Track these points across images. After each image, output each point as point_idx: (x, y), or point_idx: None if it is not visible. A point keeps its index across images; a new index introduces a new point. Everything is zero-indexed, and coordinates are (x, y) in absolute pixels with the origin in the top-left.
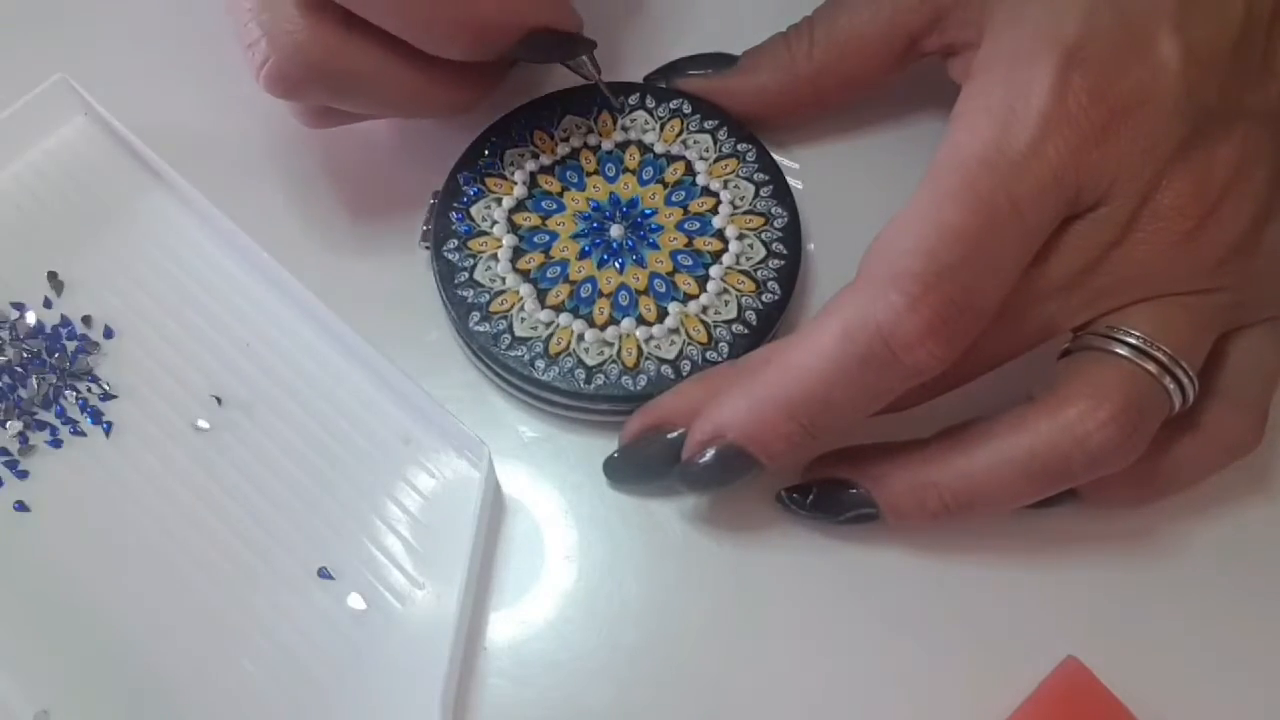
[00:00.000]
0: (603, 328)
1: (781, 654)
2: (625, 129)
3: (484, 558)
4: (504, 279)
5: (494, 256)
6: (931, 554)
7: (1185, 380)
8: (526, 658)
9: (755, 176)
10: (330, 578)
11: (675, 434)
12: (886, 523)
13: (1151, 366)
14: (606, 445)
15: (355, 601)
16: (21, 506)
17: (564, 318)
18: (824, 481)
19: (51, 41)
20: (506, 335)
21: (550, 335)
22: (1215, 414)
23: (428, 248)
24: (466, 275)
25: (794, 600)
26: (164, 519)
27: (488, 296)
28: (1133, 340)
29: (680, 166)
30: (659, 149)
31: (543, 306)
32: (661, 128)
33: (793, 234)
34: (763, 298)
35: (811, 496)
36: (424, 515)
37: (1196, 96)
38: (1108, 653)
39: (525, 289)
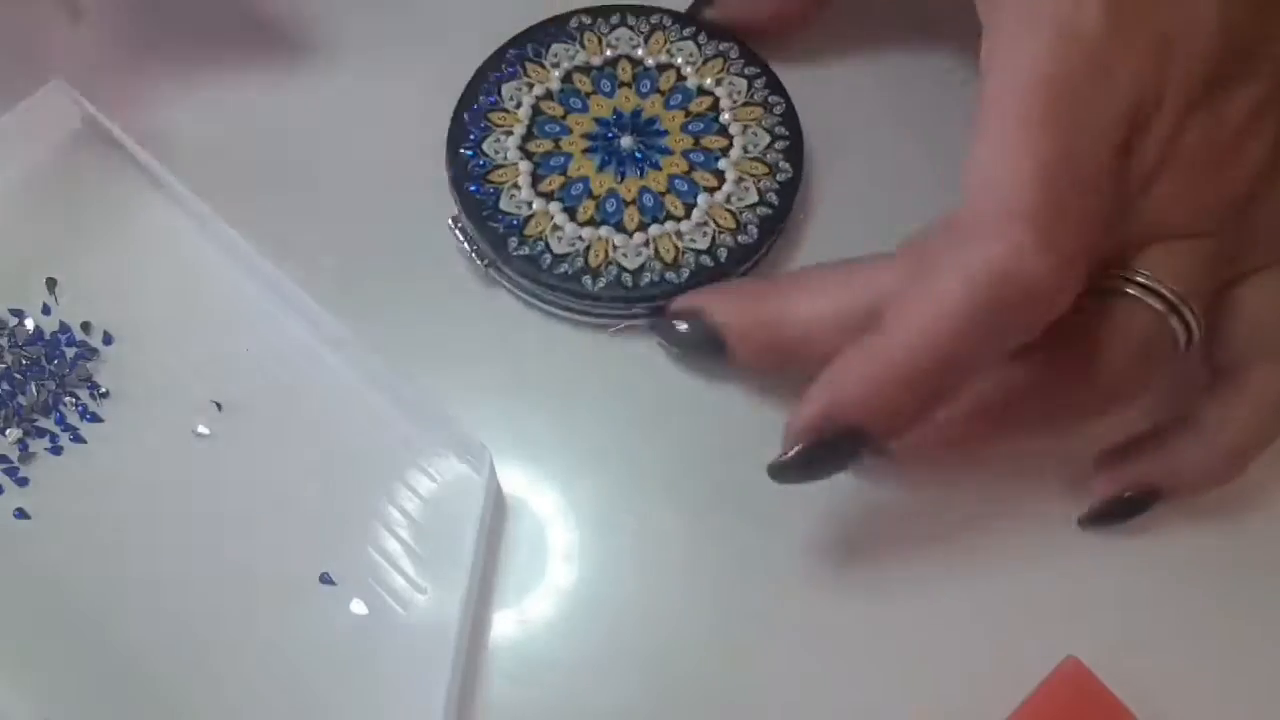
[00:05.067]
0: (633, 233)
1: (782, 653)
2: (612, 46)
3: (485, 559)
4: (530, 204)
5: (515, 185)
6: (932, 554)
7: (1190, 318)
8: (527, 658)
9: (746, 71)
10: (332, 583)
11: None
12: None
13: (1158, 304)
14: (609, 444)
15: (358, 607)
16: (21, 514)
17: (601, 230)
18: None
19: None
20: (546, 255)
21: (588, 248)
22: (1258, 374)
23: (460, 228)
24: (492, 209)
25: (793, 599)
26: (164, 526)
27: (519, 221)
28: (1141, 279)
29: (671, 74)
30: (649, 61)
31: (574, 222)
32: (646, 40)
33: (792, 117)
34: (778, 178)
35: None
36: (426, 519)
37: (1230, 35)
38: (1108, 653)
39: (554, 207)
